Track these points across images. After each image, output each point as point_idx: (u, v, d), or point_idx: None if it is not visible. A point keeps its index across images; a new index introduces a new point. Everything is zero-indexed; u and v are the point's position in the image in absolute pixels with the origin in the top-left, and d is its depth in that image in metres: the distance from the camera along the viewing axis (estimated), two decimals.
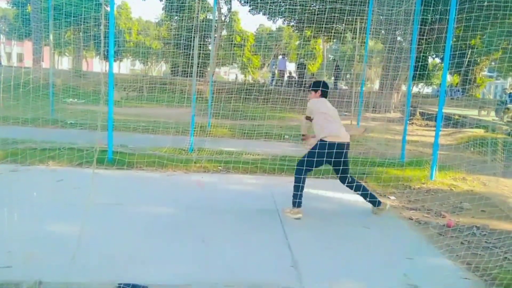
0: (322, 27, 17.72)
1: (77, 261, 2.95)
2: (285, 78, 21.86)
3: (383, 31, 17.69)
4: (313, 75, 22.82)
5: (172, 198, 4.64)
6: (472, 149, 8.87)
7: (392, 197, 5.33)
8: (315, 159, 4.17)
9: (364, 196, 4.45)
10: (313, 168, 4.30)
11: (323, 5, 14.73)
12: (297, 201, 4.21)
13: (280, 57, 26.38)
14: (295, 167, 4.33)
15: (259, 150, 7.56)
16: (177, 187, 5.15)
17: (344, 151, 4.23)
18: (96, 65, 41.36)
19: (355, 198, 5.09)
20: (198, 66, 7.87)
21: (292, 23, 22.53)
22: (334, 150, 4.15)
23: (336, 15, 13.97)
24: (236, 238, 3.62)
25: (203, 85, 18.58)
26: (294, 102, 14.00)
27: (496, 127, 12.14)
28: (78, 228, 3.55)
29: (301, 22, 20.01)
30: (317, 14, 16.46)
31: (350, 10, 12.82)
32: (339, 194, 5.12)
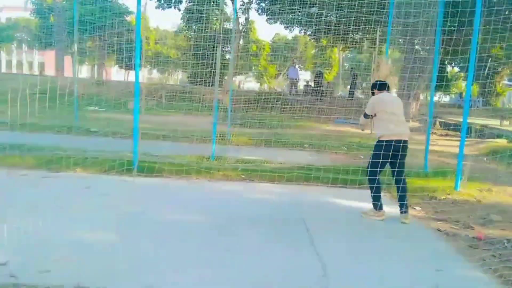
0: (339, 36, 17.75)
1: (112, 266, 3.00)
2: (298, 87, 21.88)
3: (400, 40, 17.60)
4: (329, 83, 22.82)
5: (197, 206, 4.69)
6: (497, 159, 8.73)
7: (418, 208, 5.27)
8: (374, 160, 4.46)
9: (399, 199, 4.59)
10: (381, 169, 4.54)
11: (341, 14, 14.75)
12: (378, 204, 4.51)
13: (291, 66, 26.45)
14: (367, 169, 4.60)
15: (280, 158, 7.58)
16: (201, 195, 5.20)
17: (400, 151, 4.41)
18: (114, 73, 42.08)
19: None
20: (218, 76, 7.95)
21: (309, 32, 22.58)
22: (391, 151, 4.36)
23: (354, 25, 14.00)
24: (263, 247, 3.62)
25: (221, 93, 18.72)
26: (312, 111, 14.01)
27: None
28: (109, 234, 3.64)
29: (318, 31, 20.07)
30: (335, 24, 16.50)
31: (368, 19, 12.83)
32: (364, 204, 5.08)
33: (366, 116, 4.66)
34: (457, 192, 6.09)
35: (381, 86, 4.73)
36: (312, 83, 21.69)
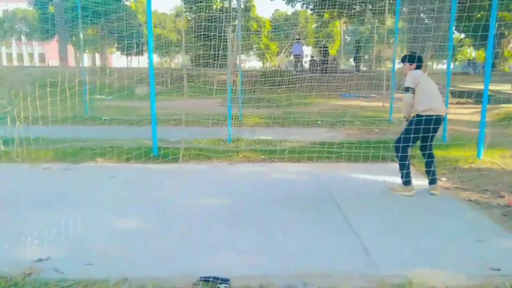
0: (342, 9, 17.36)
1: (153, 255, 3.00)
2: (303, 63, 21.65)
3: (404, 9, 17.19)
4: (335, 58, 22.51)
5: (224, 189, 4.66)
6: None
7: (444, 178, 5.21)
8: (411, 135, 4.31)
9: (427, 172, 4.57)
10: (412, 144, 4.44)
11: None
12: (405, 179, 4.44)
13: (295, 42, 25.99)
14: (394, 144, 4.50)
15: (296, 137, 7.52)
16: (226, 178, 5.17)
17: (439, 125, 4.37)
18: (115, 60, 41.77)
19: None
20: (222, 56, 7.81)
21: (310, 7, 22.15)
22: (432, 126, 4.27)
23: None
24: (299, 227, 3.59)
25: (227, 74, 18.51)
26: (321, 86, 13.88)
27: None
28: (144, 222, 3.63)
29: (321, 4, 19.64)
30: None
31: None
32: (389, 178, 5.04)
33: (408, 90, 4.35)
34: (480, 160, 6.03)
35: (419, 60, 4.52)
36: (317, 58, 21.41)
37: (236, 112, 9.41)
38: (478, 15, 15.95)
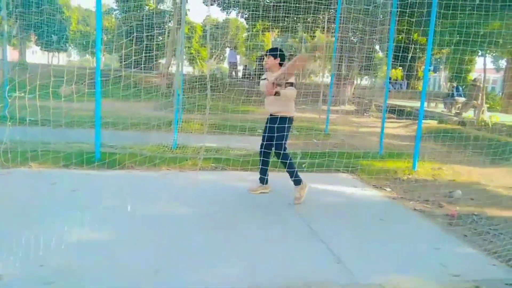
0: (276, 21, 17.83)
1: (119, 270, 2.75)
2: (238, 71, 21.83)
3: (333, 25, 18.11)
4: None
5: (181, 198, 4.46)
6: (439, 140, 9.45)
7: (388, 188, 5.53)
8: (286, 136, 4.52)
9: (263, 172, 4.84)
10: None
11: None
12: (298, 179, 4.54)
13: (228, 49, 26.17)
14: (280, 152, 4.49)
15: (242, 145, 7.48)
16: (181, 186, 4.94)
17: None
18: (29, 56, 38.42)
19: (356, 191, 5.23)
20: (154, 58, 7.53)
21: (245, 16, 22.37)
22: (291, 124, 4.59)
23: (292, 12, 14.17)
24: (269, 239, 3.53)
25: (158, 77, 17.96)
26: (258, 95, 14.03)
27: (447, 119, 13.06)
28: (103, 234, 3.34)
29: (255, 16, 19.94)
30: (272, 9, 16.49)
31: (310, 6, 13.06)
32: (343, 188, 5.21)
33: (293, 85, 4.30)
34: (415, 171, 6.50)
35: (282, 57, 4.47)
36: (250, 68, 21.66)
37: (171, 117, 9.10)
38: (399, 38, 17.39)
